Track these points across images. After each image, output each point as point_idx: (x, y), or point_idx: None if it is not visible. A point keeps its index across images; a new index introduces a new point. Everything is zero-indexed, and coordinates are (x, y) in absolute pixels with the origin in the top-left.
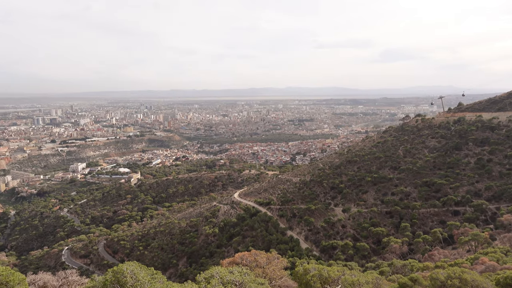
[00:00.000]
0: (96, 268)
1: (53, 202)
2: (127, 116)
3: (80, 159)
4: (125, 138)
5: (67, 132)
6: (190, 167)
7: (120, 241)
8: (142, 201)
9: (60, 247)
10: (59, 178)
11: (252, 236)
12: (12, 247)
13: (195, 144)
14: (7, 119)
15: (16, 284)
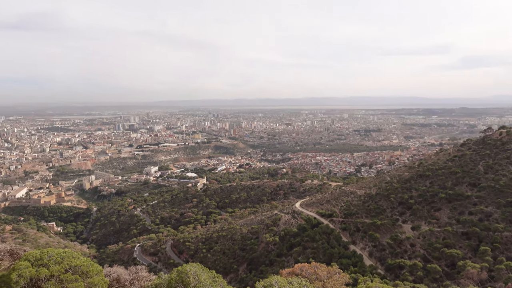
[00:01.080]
0: (163, 266)
1: (128, 201)
2: (196, 123)
3: (153, 163)
4: (193, 145)
5: (142, 138)
6: (253, 174)
7: (185, 242)
8: (206, 205)
9: (132, 243)
10: (134, 180)
11: (313, 247)
12: (93, 240)
13: (258, 152)
14: (93, 125)
15: (94, 275)
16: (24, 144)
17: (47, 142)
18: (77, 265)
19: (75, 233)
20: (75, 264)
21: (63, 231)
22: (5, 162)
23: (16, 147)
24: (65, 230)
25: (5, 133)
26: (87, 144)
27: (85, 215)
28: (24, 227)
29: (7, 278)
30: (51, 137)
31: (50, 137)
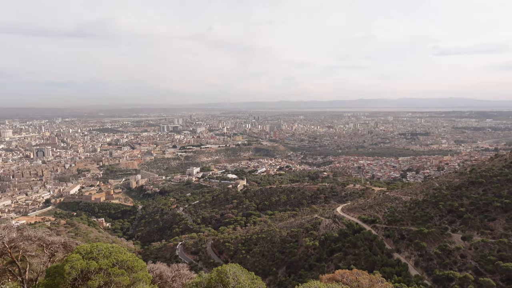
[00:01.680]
0: (203, 265)
1: (171, 200)
2: (237, 125)
3: (195, 164)
4: (234, 146)
5: (185, 139)
6: (293, 177)
7: (225, 242)
8: (246, 207)
9: (175, 241)
10: (177, 180)
11: (354, 254)
12: (138, 237)
13: (298, 155)
14: (140, 126)
15: (139, 270)
16: (77, 144)
17: (98, 143)
18: (123, 260)
19: (122, 229)
20: (122, 259)
21: (111, 227)
22: (61, 160)
23: (71, 147)
24: (113, 226)
25: (62, 134)
26: (134, 145)
27: (131, 213)
28: (76, 222)
29: (61, 269)
30: (102, 138)
31: (101, 137)
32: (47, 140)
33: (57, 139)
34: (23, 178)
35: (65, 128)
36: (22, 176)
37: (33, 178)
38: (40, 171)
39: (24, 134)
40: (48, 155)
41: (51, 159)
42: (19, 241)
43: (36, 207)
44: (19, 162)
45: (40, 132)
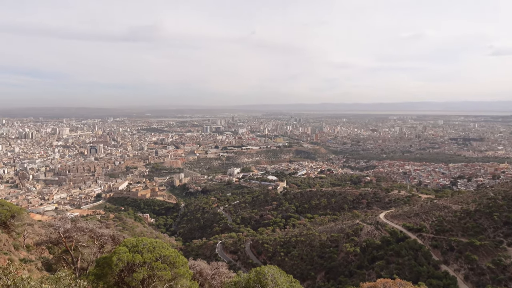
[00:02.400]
0: (242, 265)
1: (212, 199)
2: (278, 127)
3: (236, 164)
4: (275, 148)
5: (227, 140)
6: (334, 181)
7: (264, 243)
8: (286, 209)
9: (215, 240)
10: (218, 180)
11: (398, 263)
12: (180, 233)
13: (340, 158)
14: (184, 127)
15: (180, 266)
16: (127, 142)
17: (145, 141)
18: (166, 255)
19: (165, 225)
20: (164, 254)
21: (155, 222)
22: (111, 157)
23: (121, 145)
24: (157, 222)
25: (112, 132)
26: (178, 144)
27: (174, 210)
28: (124, 216)
29: (109, 260)
30: (149, 137)
31: (148, 137)
32: (99, 138)
33: (108, 137)
34: (77, 173)
35: (116, 127)
36: (76, 171)
37: (86, 174)
38: (93, 167)
39: (80, 132)
40: (100, 152)
41: (102, 156)
42: (73, 232)
43: (88, 200)
44: (74, 158)
45: (93, 131)
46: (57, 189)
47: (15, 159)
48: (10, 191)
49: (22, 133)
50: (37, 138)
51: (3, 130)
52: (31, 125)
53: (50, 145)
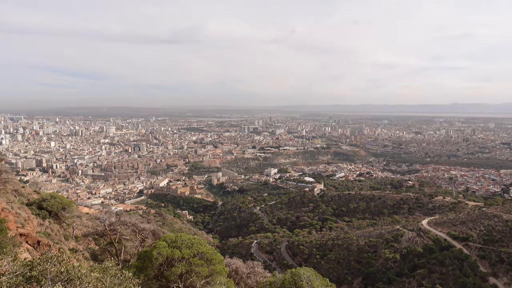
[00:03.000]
0: (277, 266)
1: (249, 199)
2: (316, 128)
3: (273, 165)
4: (312, 149)
5: (265, 140)
6: (374, 184)
7: (299, 245)
8: (322, 212)
9: (250, 239)
10: (255, 180)
11: (441, 272)
12: (216, 231)
13: (381, 161)
14: (223, 127)
15: (217, 263)
16: (168, 141)
17: (185, 141)
18: (204, 251)
19: (202, 223)
20: (202, 251)
21: (193, 219)
22: (153, 155)
23: (162, 143)
24: (195, 219)
25: (155, 131)
26: (217, 144)
27: (211, 208)
28: (164, 212)
29: (149, 254)
30: (189, 136)
31: (188, 136)
32: (142, 136)
33: (151, 136)
34: (122, 170)
35: (158, 126)
36: (121, 168)
37: (130, 170)
38: (136, 164)
39: (125, 131)
40: (143, 150)
41: (145, 154)
42: (117, 225)
43: (131, 196)
44: (119, 155)
45: (137, 129)
46: (103, 184)
47: (66, 155)
48: (62, 185)
49: (73, 131)
50: (86, 135)
51: (56, 128)
52: (81, 123)
53: (97, 143)
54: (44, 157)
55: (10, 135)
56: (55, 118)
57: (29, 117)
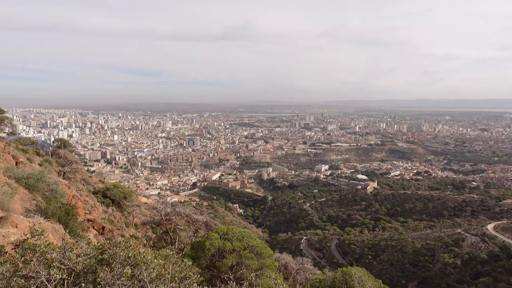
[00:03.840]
0: (326, 263)
1: (299, 195)
2: (370, 124)
3: (324, 161)
4: (366, 146)
5: (316, 136)
6: (433, 184)
7: (350, 244)
8: (375, 211)
9: (300, 235)
10: (305, 176)
11: (508, 282)
12: (266, 226)
13: (441, 160)
14: (273, 122)
15: (266, 257)
16: (220, 136)
17: (237, 135)
18: (254, 245)
19: (252, 217)
20: (252, 244)
21: (243, 213)
22: (206, 149)
23: (215, 138)
24: (245, 213)
25: (208, 126)
26: (268, 139)
27: (261, 202)
28: (215, 205)
29: (202, 244)
30: (240, 131)
31: (239, 131)
32: (196, 131)
33: (204, 130)
34: (177, 163)
35: (211, 121)
36: (176, 161)
37: (184, 163)
38: (190, 157)
39: (180, 126)
40: (197, 144)
41: (198, 148)
42: (172, 216)
43: (185, 188)
44: (175, 149)
45: (191, 124)
46: (160, 176)
47: (127, 148)
48: (123, 175)
49: (133, 125)
50: (145, 130)
51: (119, 122)
52: (141, 118)
53: (155, 136)
54: (108, 149)
55: (79, 129)
56: (118, 113)
57: (96, 112)
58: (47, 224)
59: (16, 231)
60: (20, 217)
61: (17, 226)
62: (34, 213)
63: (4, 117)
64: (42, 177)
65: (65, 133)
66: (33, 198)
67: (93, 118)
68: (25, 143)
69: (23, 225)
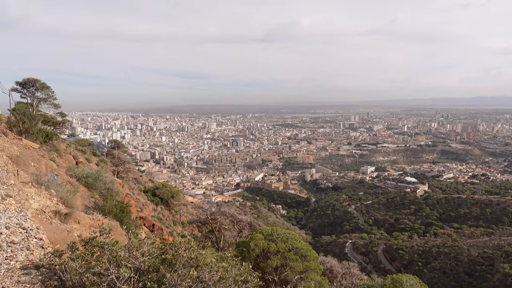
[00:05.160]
0: (373, 269)
1: (343, 197)
2: (420, 124)
3: (369, 163)
4: (415, 147)
5: (361, 137)
6: (491, 188)
7: (398, 249)
8: (426, 215)
9: (345, 239)
10: (350, 177)
11: None
12: (309, 228)
13: (500, 162)
14: (317, 123)
15: (311, 259)
16: (263, 137)
17: (280, 136)
18: (298, 247)
19: (295, 218)
20: (297, 246)
21: (286, 214)
22: (249, 150)
23: (258, 139)
24: (288, 214)
25: (251, 127)
26: (311, 140)
27: (304, 204)
28: (258, 205)
29: (247, 244)
30: (283, 132)
31: (282, 132)
32: (240, 132)
33: (247, 131)
34: (221, 163)
35: (254, 122)
36: (221, 161)
37: (228, 164)
38: (234, 158)
39: (224, 127)
40: (240, 145)
41: (242, 149)
42: (217, 215)
43: (229, 188)
44: (219, 150)
45: (235, 125)
46: (205, 176)
47: (174, 148)
48: (170, 175)
49: (180, 127)
50: (191, 131)
51: (167, 124)
52: (187, 120)
53: (200, 138)
54: (156, 150)
55: (131, 130)
56: (166, 116)
57: (146, 114)
58: (105, 221)
59: (78, 227)
60: (82, 214)
61: (79, 222)
62: (92, 210)
63: (65, 120)
64: (99, 176)
65: (118, 134)
66: (91, 196)
67: (143, 120)
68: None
69: (84, 222)
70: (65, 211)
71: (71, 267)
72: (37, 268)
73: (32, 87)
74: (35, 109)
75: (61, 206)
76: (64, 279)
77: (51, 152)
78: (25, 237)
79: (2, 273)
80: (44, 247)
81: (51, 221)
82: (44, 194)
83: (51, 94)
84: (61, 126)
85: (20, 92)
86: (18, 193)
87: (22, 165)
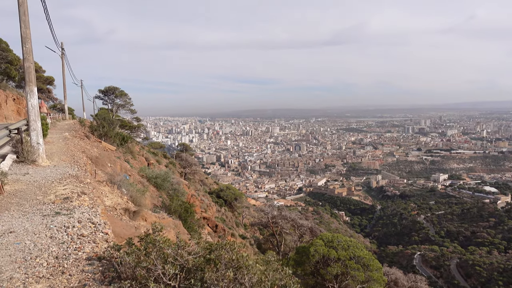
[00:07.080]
0: (444, 284)
1: (412, 206)
2: (502, 129)
3: (442, 170)
4: (496, 154)
5: (432, 142)
6: None
7: (475, 265)
8: (508, 229)
9: (413, 250)
10: (420, 185)
11: None
12: (374, 236)
13: None
14: (383, 127)
15: (374, 270)
16: (326, 141)
17: (344, 141)
18: (360, 256)
19: (359, 226)
20: (359, 255)
21: (349, 221)
22: (312, 155)
23: (321, 144)
24: (351, 221)
25: (314, 132)
26: (377, 145)
27: (369, 211)
28: (321, 211)
29: (307, 250)
30: (347, 137)
31: (346, 136)
32: (303, 137)
33: (310, 136)
34: (284, 167)
35: (317, 127)
36: (283, 166)
37: (290, 168)
38: (296, 162)
39: (287, 131)
40: (303, 149)
41: (305, 153)
42: (279, 219)
43: (291, 192)
44: (282, 154)
45: (298, 130)
46: (268, 179)
47: (239, 152)
48: (234, 178)
49: (244, 131)
50: (255, 135)
51: (232, 128)
52: (251, 124)
53: (264, 142)
54: (222, 153)
55: (198, 134)
56: (231, 120)
57: (212, 119)
58: (169, 219)
59: (145, 224)
60: (149, 212)
61: (146, 220)
62: (159, 209)
63: (140, 124)
64: (167, 177)
65: (187, 138)
66: (160, 195)
67: (210, 125)
68: (155, 147)
69: (150, 219)
70: (133, 209)
71: (125, 260)
72: (100, 259)
73: (112, 95)
74: (114, 114)
75: (130, 204)
76: (119, 271)
77: (126, 154)
78: (93, 231)
79: (70, 262)
80: (108, 241)
81: (121, 217)
82: (116, 193)
83: (128, 100)
84: (136, 130)
85: (102, 99)
86: (92, 191)
87: (100, 166)
